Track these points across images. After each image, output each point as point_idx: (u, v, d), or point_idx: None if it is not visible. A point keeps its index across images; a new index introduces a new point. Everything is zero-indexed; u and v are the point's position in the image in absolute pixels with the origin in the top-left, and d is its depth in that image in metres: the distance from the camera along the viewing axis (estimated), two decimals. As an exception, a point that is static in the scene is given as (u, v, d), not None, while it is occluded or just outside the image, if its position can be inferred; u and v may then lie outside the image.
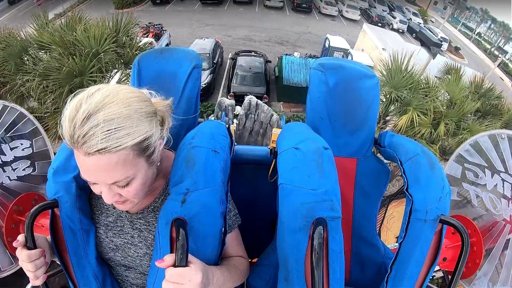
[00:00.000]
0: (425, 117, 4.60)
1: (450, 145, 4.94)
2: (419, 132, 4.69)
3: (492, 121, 4.93)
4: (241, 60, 10.12)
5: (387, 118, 5.27)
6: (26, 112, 1.15)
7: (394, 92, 4.77)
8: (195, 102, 0.98)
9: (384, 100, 5.01)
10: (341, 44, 12.12)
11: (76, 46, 3.98)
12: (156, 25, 11.99)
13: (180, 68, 0.94)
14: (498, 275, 1.02)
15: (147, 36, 10.56)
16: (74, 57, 3.85)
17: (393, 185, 5.78)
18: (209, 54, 10.17)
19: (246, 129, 6.67)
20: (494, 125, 4.87)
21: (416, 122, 4.61)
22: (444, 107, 4.70)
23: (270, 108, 6.61)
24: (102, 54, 4.01)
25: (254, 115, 6.46)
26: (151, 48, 4.67)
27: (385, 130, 0.98)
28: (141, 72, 0.93)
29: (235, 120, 6.78)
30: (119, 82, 4.36)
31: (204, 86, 9.10)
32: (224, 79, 10.95)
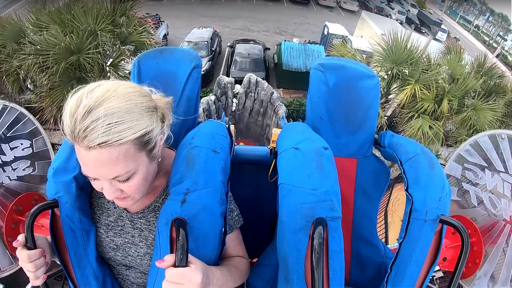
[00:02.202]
0: (428, 92, 4.52)
1: (454, 123, 4.85)
2: (422, 107, 4.60)
3: (495, 100, 4.85)
4: (240, 48, 10.06)
5: (390, 96, 5.18)
6: (26, 112, 1.15)
7: (395, 67, 4.67)
8: (195, 102, 0.98)
9: (386, 77, 4.95)
10: (340, 31, 12.07)
11: (74, 23, 4.02)
12: (154, 15, 11.84)
13: (180, 68, 0.94)
14: (498, 275, 1.02)
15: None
16: (71, 34, 3.91)
17: (396, 169, 5.65)
18: (207, 41, 10.21)
19: (246, 109, 6.44)
20: (497, 104, 4.78)
21: (419, 96, 4.52)
22: (447, 84, 4.62)
23: (270, 86, 6.35)
24: (99, 31, 4.04)
25: (254, 93, 6.22)
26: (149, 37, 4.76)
27: (385, 131, 0.98)
28: (141, 72, 0.93)
29: (234, 100, 6.46)
30: (115, 59, 4.39)
31: (203, 73, 8.92)
32: (223, 66, 10.89)
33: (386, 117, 5.13)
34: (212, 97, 6.10)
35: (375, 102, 0.95)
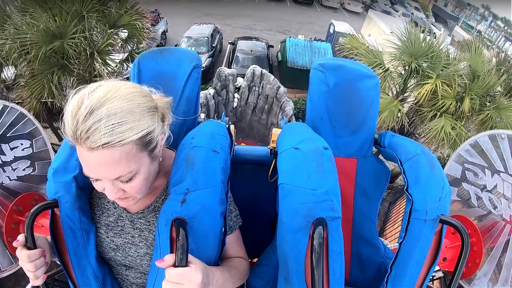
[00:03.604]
0: (450, 88, 4.15)
1: (474, 124, 4.49)
2: (443, 106, 4.21)
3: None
4: (242, 44, 9.60)
5: (406, 94, 4.81)
6: (26, 112, 1.15)
7: (414, 61, 4.25)
8: (195, 103, 0.98)
9: (403, 72, 4.55)
10: (347, 29, 11.70)
11: (58, 4, 3.58)
12: (153, 11, 11.54)
13: (180, 68, 0.94)
14: (498, 275, 1.02)
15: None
16: (55, 18, 3.50)
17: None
18: (207, 37, 9.91)
19: (249, 105, 5.79)
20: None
21: (440, 94, 4.12)
22: (468, 81, 4.25)
23: (276, 80, 5.65)
24: (85, 13, 3.60)
25: (259, 87, 5.60)
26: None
27: (384, 131, 0.98)
28: (141, 72, 0.93)
29: (236, 95, 5.75)
30: (101, 45, 3.90)
31: (202, 70, 8.66)
32: (223, 64, 10.53)
33: (406, 116, 4.64)
34: (211, 91, 5.45)
35: (375, 102, 0.95)
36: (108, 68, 4.25)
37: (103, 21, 3.96)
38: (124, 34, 4.41)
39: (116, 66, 4.39)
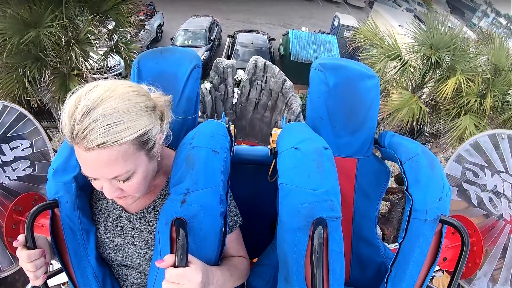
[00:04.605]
0: (473, 84, 3.75)
1: (495, 124, 4.15)
2: (468, 103, 3.81)
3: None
4: (241, 37, 8.95)
5: (424, 90, 4.36)
6: (26, 112, 1.15)
7: (434, 54, 3.78)
8: (195, 102, 0.98)
9: (421, 65, 4.07)
10: (352, 23, 10.83)
11: None
12: (148, 4, 11.04)
13: (180, 68, 0.94)
14: (498, 275, 1.02)
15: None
16: (29, 3, 3.05)
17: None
18: (205, 30, 9.32)
19: (250, 102, 5.06)
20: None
21: (465, 90, 3.71)
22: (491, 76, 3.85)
23: (282, 72, 4.88)
24: None
25: (261, 81, 4.90)
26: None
27: (384, 130, 0.98)
28: (141, 72, 0.93)
29: (236, 89, 5.03)
30: (80, 34, 3.42)
31: None
32: (223, 57, 10.13)
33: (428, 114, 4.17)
34: (208, 85, 4.78)
35: (375, 102, 0.95)
36: (91, 61, 3.72)
37: (84, 6, 3.46)
38: (112, 25, 3.91)
39: (100, 58, 3.86)
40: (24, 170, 1.14)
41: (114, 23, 3.88)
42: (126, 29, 3.87)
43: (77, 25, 3.44)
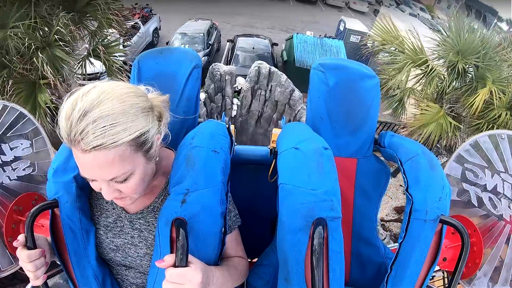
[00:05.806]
0: (504, 96, 3.33)
1: None
2: (499, 116, 3.34)
3: None
4: (242, 42, 8.53)
5: (457, 104, 3.81)
6: (26, 112, 1.15)
7: (461, 61, 3.31)
8: (195, 102, 0.98)
9: (445, 75, 3.59)
10: (358, 27, 10.65)
11: None
12: (144, 7, 10.42)
13: (180, 68, 0.94)
14: (498, 275, 1.02)
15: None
16: None
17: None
18: (203, 34, 8.91)
19: (252, 114, 4.26)
20: None
21: (496, 103, 3.26)
22: None
23: (290, 81, 4.15)
24: None
25: (266, 90, 4.15)
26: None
27: (385, 131, 0.98)
28: (141, 72, 0.93)
29: (235, 100, 4.31)
30: (50, 34, 2.88)
31: None
32: (222, 63, 9.77)
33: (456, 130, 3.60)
34: (202, 96, 4.13)
35: (375, 102, 0.95)
36: (64, 66, 3.11)
37: (57, 4, 2.94)
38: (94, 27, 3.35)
39: (78, 64, 3.26)
40: (24, 170, 1.14)
41: (96, 24, 3.37)
42: (107, 29, 3.40)
43: (50, 26, 2.94)
